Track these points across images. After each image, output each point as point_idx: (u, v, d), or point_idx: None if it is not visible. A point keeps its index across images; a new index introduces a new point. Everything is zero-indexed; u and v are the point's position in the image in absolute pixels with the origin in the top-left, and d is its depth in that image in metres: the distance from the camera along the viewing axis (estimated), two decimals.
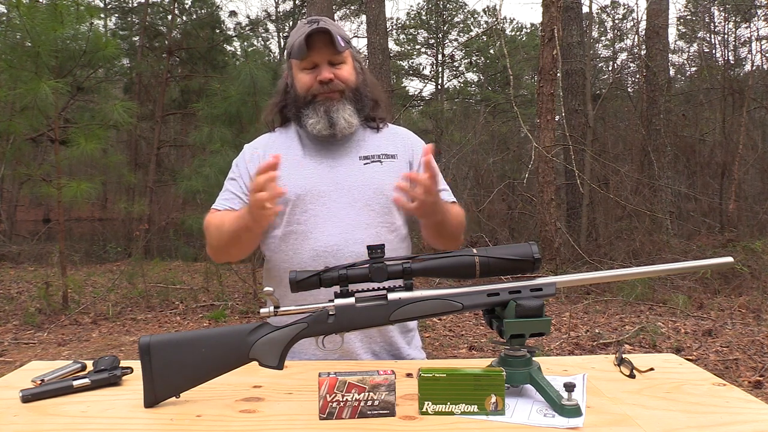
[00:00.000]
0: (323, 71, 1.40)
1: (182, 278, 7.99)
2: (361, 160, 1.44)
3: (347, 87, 1.42)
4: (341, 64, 1.42)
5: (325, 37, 1.37)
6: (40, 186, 6.58)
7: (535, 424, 0.91)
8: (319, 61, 1.40)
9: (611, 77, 14.97)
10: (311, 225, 1.38)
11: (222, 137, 6.41)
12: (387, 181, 1.42)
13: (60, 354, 4.71)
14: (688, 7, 16.39)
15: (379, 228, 1.40)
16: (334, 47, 1.38)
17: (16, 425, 0.94)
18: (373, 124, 1.50)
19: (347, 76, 1.42)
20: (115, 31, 15.56)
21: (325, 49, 1.39)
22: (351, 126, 1.42)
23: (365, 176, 1.42)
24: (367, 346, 1.42)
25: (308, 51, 1.38)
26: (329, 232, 1.37)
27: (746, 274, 6.22)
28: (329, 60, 1.41)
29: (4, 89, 5.70)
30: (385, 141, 1.49)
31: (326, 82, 1.40)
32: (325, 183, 1.41)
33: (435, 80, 21.35)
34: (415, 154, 1.49)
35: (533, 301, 0.99)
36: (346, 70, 1.42)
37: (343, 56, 1.42)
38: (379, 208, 1.41)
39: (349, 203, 1.39)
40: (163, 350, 1.01)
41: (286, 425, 0.94)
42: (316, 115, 1.40)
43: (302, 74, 1.43)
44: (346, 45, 1.42)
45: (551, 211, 7.26)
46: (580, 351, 4.41)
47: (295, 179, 1.40)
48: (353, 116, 1.42)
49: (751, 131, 11.69)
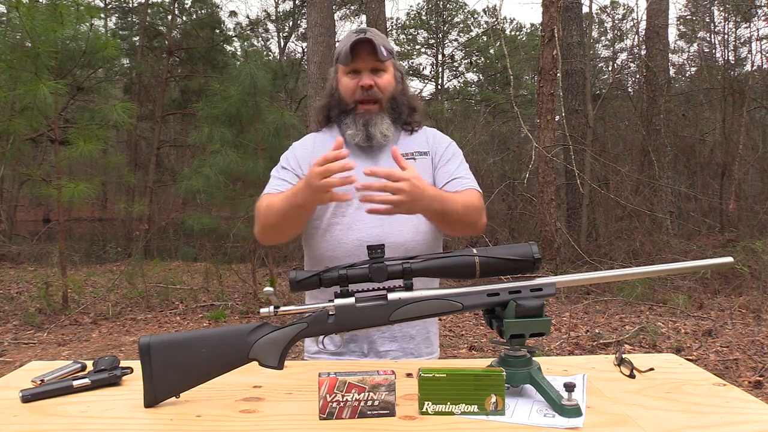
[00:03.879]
0: (365, 77, 1.51)
1: (182, 278, 7.99)
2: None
3: (385, 96, 1.53)
4: (382, 72, 1.53)
5: (369, 46, 1.48)
6: (40, 186, 6.58)
7: (535, 424, 0.91)
8: (362, 67, 1.51)
9: (611, 77, 14.97)
10: (354, 217, 1.47)
11: (222, 137, 6.41)
12: (422, 175, 1.46)
13: (60, 354, 4.71)
14: (688, 7, 16.40)
15: (416, 219, 1.46)
16: (377, 56, 1.49)
17: (16, 425, 0.94)
18: (408, 128, 1.61)
19: (386, 85, 1.53)
20: (115, 31, 15.57)
21: (368, 58, 1.50)
22: (387, 139, 1.52)
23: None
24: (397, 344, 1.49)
25: (353, 58, 1.50)
26: (372, 224, 1.44)
27: (746, 274, 6.22)
28: (372, 67, 1.52)
29: (4, 89, 5.70)
30: (419, 140, 1.60)
31: (367, 88, 1.50)
32: (367, 178, 1.45)
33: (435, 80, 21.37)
34: (437, 150, 1.59)
35: (533, 301, 0.99)
36: (386, 79, 1.53)
37: (384, 65, 1.53)
38: None
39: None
40: (163, 350, 1.01)
41: (286, 425, 0.94)
42: (355, 126, 1.52)
43: (346, 78, 1.54)
44: (389, 55, 1.53)
45: (551, 211, 7.26)
46: (580, 351, 4.41)
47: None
48: (389, 129, 1.53)
49: (751, 131, 11.70)
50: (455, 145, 1.63)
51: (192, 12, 15.22)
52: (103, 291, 6.97)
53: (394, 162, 1.42)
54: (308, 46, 8.73)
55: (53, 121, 6.21)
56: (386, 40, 1.57)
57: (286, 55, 19.14)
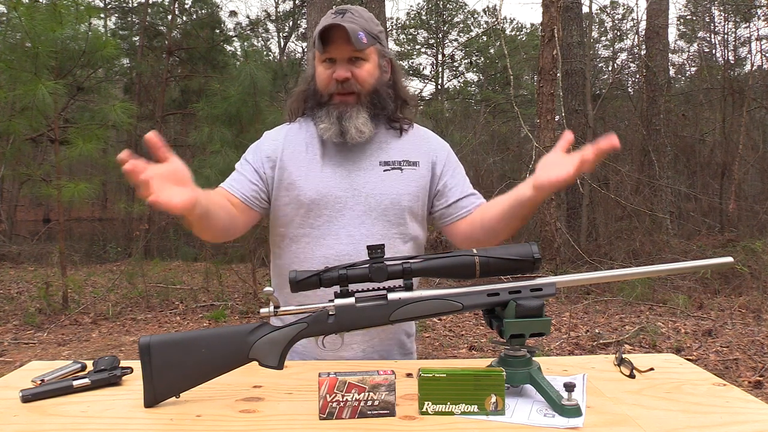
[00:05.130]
0: (339, 69, 1.33)
1: (182, 278, 7.99)
2: (381, 166, 1.38)
3: (363, 89, 1.35)
4: (362, 62, 1.34)
5: (344, 32, 1.28)
6: (40, 186, 6.58)
7: (535, 424, 0.91)
8: (338, 56, 1.33)
9: (611, 77, 14.97)
10: (324, 230, 1.35)
11: (222, 137, 6.40)
12: (405, 190, 1.38)
13: (60, 354, 4.71)
14: (688, 7, 16.40)
15: (394, 239, 1.36)
16: (352, 44, 1.29)
17: (16, 425, 0.94)
18: (397, 125, 1.43)
19: (365, 77, 1.35)
20: (115, 31, 15.56)
21: (343, 46, 1.31)
22: (362, 135, 1.34)
23: (384, 184, 1.37)
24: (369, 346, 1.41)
25: (325, 46, 1.32)
26: (342, 241, 1.33)
27: (746, 274, 6.22)
28: (349, 56, 1.33)
29: (4, 89, 5.69)
30: (409, 146, 1.43)
31: (341, 81, 1.33)
32: (342, 189, 1.36)
33: (435, 80, 21.37)
34: (438, 158, 1.44)
35: (533, 301, 0.99)
36: (365, 69, 1.34)
37: (364, 53, 1.34)
38: (395, 218, 1.37)
39: (364, 212, 1.35)
40: (163, 350, 1.01)
41: (286, 425, 0.94)
42: (328, 119, 1.35)
43: (321, 67, 1.37)
44: (370, 41, 1.33)
45: (551, 211, 7.26)
46: (580, 351, 4.41)
47: (312, 182, 1.36)
48: (366, 124, 1.34)
49: (751, 131, 11.70)
50: (452, 152, 1.48)
51: (192, 12, 15.21)
52: (103, 291, 6.96)
53: (369, 171, 1.34)
54: (308, 46, 8.74)
55: (53, 121, 6.21)
56: (370, 20, 1.36)
57: (286, 55, 19.15)
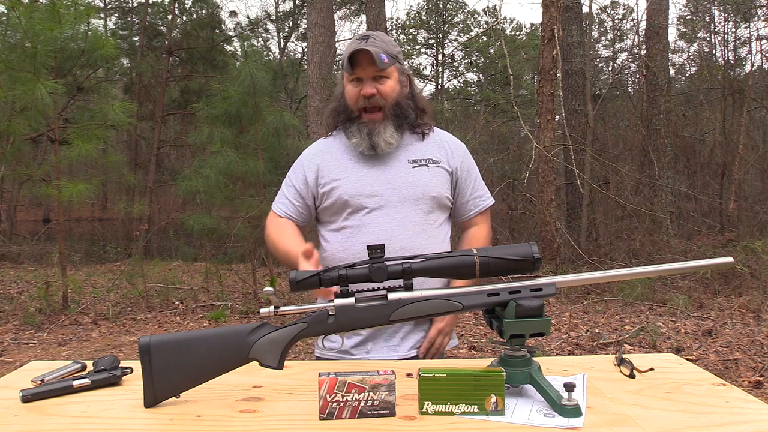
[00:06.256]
0: (366, 86, 1.54)
1: (182, 278, 7.98)
2: (410, 164, 1.57)
3: (388, 102, 1.55)
4: (384, 79, 1.55)
5: (368, 55, 1.50)
6: (39, 186, 6.58)
7: (535, 424, 0.91)
8: (364, 76, 1.54)
9: (611, 77, 14.97)
10: (365, 220, 1.52)
11: (222, 137, 6.40)
12: (433, 183, 1.56)
13: (60, 354, 4.71)
14: (688, 7, 16.40)
15: (425, 225, 1.53)
16: (376, 65, 1.50)
17: (16, 425, 0.94)
18: (419, 131, 1.63)
19: (389, 92, 1.55)
20: (115, 31, 15.56)
21: (368, 67, 1.52)
22: (390, 146, 1.55)
23: (414, 178, 1.55)
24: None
25: (353, 68, 1.53)
26: (381, 228, 1.50)
27: (746, 274, 6.22)
28: (373, 75, 1.54)
29: (4, 89, 5.69)
30: (431, 146, 1.62)
31: (368, 97, 1.53)
32: (378, 183, 1.55)
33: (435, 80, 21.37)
34: (455, 158, 1.63)
35: (533, 301, 0.99)
36: (388, 85, 1.55)
37: (387, 71, 1.55)
38: (426, 207, 1.55)
39: (399, 201, 1.53)
40: (163, 350, 1.01)
41: (286, 425, 0.94)
42: (359, 135, 1.55)
43: (350, 86, 1.57)
44: (391, 61, 1.54)
45: (551, 211, 7.25)
46: (580, 351, 4.41)
47: (351, 179, 1.55)
48: (393, 136, 1.55)
49: (751, 131, 11.71)
50: (468, 154, 1.67)
51: (192, 12, 15.22)
52: (103, 291, 6.96)
53: (400, 168, 1.55)
54: (308, 46, 8.74)
55: (53, 121, 6.21)
56: (389, 43, 1.58)
57: (286, 55, 19.15)
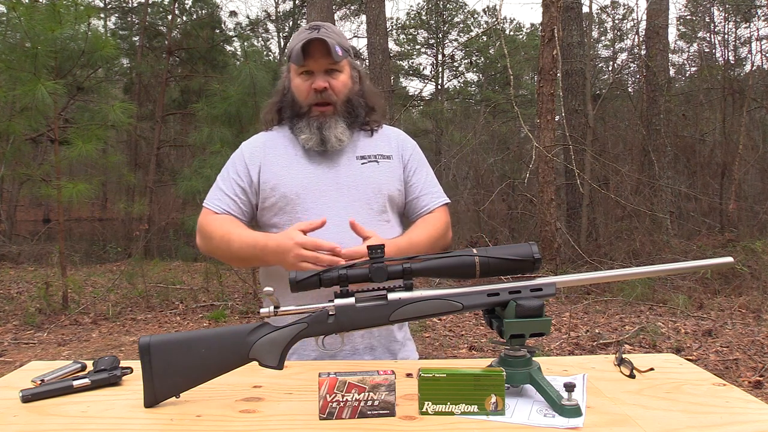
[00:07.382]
0: (318, 80, 1.44)
1: (182, 278, 7.99)
2: (359, 160, 1.49)
3: (339, 99, 1.46)
4: (337, 73, 1.45)
5: (323, 46, 1.40)
6: (39, 186, 6.58)
7: (535, 424, 0.91)
8: (315, 68, 1.44)
9: (611, 77, 14.97)
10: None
11: (222, 137, 6.40)
12: (384, 179, 1.48)
13: (60, 354, 4.71)
14: (688, 7, 16.40)
15: (377, 225, 1.42)
16: (331, 57, 1.41)
17: (16, 425, 0.94)
18: (367, 128, 1.54)
19: (341, 87, 1.46)
20: (115, 31, 15.56)
21: (321, 59, 1.42)
22: (342, 143, 1.45)
23: (364, 175, 1.47)
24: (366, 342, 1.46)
25: (305, 58, 1.42)
26: (330, 230, 1.36)
27: (746, 274, 6.22)
28: (326, 68, 1.44)
29: (4, 89, 5.69)
30: (380, 142, 1.54)
31: (320, 91, 1.44)
32: (325, 182, 1.45)
33: (435, 80, 21.36)
34: (405, 152, 1.56)
35: (533, 301, 0.99)
36: (341, 80, 1.46)
37: (339, 65, 1.45)
38: (377, 206, 1.46)
39: (349, 202, 1.44)
40: (163, 350, 1.01)
41: (286, 425, 0.93)
42: (309, 130, 1.45)
43: (299, 79, 1.47)
44: (344, 54, 1.45)
45: (551, 211, 7.25)
46: (580, 351, 4.41)
47: (296, 177, 1.45)
48: (344, 133, 1.46)
49: (751, 131, 11.71)
50: (419, 149, 1.59)
51: (192, 12, 15.21)
52: (103, 291, 6.96)
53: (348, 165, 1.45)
54: None
55: (53, 121, 6.21)
56: (342, 36, 1.49)
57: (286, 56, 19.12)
